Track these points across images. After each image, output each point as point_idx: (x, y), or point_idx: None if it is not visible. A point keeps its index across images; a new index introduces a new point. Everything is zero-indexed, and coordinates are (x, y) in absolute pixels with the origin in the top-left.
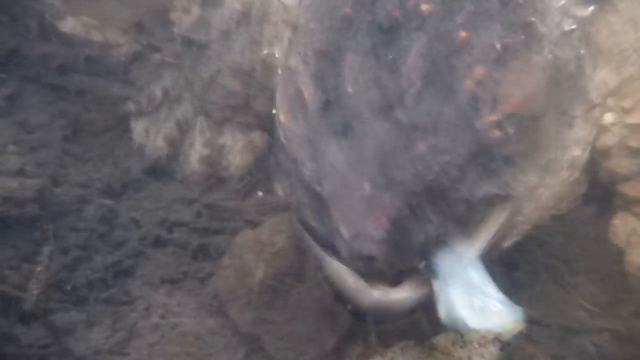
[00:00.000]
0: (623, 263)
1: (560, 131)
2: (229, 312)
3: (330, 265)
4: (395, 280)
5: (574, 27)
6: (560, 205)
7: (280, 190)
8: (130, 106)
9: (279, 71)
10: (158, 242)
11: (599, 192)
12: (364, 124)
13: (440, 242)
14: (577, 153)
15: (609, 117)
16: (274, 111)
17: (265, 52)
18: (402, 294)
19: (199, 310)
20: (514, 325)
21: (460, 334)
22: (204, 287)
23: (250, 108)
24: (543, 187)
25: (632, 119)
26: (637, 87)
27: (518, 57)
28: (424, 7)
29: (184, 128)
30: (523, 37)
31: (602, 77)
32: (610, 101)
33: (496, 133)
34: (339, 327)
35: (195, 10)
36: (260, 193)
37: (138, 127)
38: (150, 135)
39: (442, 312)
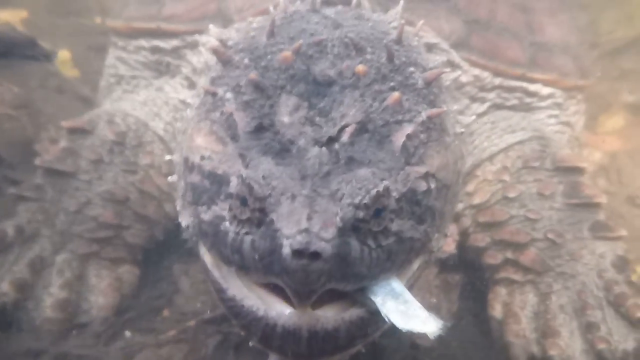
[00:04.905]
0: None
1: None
2: None
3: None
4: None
5: (462, 130)
6: None
7: (186, 217)
8: None
9: (193, 99)
10: None
11: (471, 270)
12: (301, 150)
13: (376, 268)
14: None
15: (460, 205)
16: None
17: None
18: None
19: None
20: (433, 329)
21: None
22: None
23: (122, 240)
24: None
25: (476, 200)
26: (475, 173)
27: (437, 130)
28: (360, 68)
29: (38, 269)
30: (440, 116)
31: None
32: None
33: (423, 184)
34: None
35: (63, 141)
36: (128, 333)
37: None
38: None
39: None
